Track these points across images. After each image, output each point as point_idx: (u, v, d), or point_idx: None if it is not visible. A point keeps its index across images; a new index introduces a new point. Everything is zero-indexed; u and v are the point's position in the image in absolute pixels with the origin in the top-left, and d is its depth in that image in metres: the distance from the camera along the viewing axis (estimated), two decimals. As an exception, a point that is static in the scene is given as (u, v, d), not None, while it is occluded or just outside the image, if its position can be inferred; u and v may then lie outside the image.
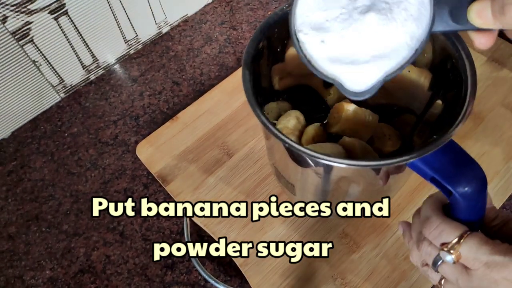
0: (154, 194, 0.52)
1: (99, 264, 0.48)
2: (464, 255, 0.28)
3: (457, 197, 0.28)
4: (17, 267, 0.48)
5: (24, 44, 0.52)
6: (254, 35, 0.35)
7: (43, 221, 0.51)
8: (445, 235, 0.28)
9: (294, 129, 0.43)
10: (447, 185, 0.28)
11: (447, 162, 0.29)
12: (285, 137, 0.31)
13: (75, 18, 0.54)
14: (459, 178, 0.28)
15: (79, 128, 0.58)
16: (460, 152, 0.29)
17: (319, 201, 0.41)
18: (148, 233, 0.50)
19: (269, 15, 0.36)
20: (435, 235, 0.29)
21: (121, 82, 0.62)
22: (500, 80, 0.54)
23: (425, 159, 0.29)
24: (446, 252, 0.28)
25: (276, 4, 0.67)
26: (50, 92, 0.59)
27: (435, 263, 0.30)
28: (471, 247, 0.27)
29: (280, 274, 0.44)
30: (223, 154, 0.52)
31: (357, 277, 0.44)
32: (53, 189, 0.53)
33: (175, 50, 0.64)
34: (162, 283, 0.47)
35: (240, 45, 0.64)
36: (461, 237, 0.28)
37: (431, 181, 0.30)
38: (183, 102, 0.59)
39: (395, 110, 0.45)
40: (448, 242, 0.28)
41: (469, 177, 0.28)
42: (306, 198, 0.42)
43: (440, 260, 0.29)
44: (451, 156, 0.29)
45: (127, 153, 0.55)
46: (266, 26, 0.36)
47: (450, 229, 0.28)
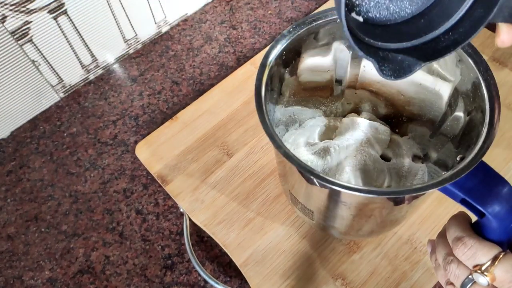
0: (153, 194, 0.52)
1: (98, 264, 0.48)
2: (499, 276, 0.27)
3: (490, 218, 0.28)
4: (16, 267, 0.48)
5: (23, 43, 0.51)
6: (259, 70, 0.35)
7: (42, 222, 0.51)
8: (479, 256, 0.27)
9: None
10: (480, 206, 0.28)
11: (478, 183, 0.28)
12: (313, 171, 0.30)
13: (74, 17, 0.54)
14: (492, 199, 0.28)
15: (78, 128, 0.58)
16: (490, 172, 0.29)
17: (341, 227, 0.41)
18: (148, 234, 0.49)
19: (277, 39, 0.36)
20: (468, 256, 0.28)
21: (120, 81, 0.61)
22: (501, 80, 0.54)
23: (456, 181, 0.29)
24: (480, 274, 0.27)
25: (276, 4, 0.67)
26: (49, 92, 0.58)
27: (465, 285, 0.28)
28: (507, 268, 0.26)
29: (280, 275, 0.44)
30: (223, 154, 0.52)
31: (358, 277, 0.44)
32: (52, 189, 0.53)
33: (175, 50, 0.64)
34: (162, 284, 0.47)
35: (240, 44, 0.64)
36: (496, 258, 0.27)
37: (461, 203, 0.29)
38: (182, 102, 0.59)
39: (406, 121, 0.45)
40: (482, 263, 0.27)
41: (502, 197, 0.28)
42: (327, 224, 0.41)
43: (470, 282, 0.28)
44: (482, 177, 0.29)
45: (126, 153, 0.55)
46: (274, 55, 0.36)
47: (484, 250, 0.27)
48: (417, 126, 0.44)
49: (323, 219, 0.40)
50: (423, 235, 0.45)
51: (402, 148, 0.45)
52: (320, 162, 0.42)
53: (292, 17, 0.66)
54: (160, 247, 0.49)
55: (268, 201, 0.48)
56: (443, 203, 0.47)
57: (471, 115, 0.35)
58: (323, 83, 0.44)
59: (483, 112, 0.32)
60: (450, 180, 0.28)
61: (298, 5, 0.67)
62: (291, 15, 0.66)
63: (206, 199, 0.49)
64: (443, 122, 0.40)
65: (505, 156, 0.49)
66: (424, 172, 0.43)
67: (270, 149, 0.52)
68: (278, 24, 0.65)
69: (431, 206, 0.47)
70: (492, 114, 0.32)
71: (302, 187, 0.37)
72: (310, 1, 0.67)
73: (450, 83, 0.37)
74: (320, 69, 0.42)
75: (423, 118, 0.43)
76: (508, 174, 0.48)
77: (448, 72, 0.37)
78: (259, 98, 0.34)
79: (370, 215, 0.37)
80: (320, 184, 0.33)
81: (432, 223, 0.46)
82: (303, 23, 0.37)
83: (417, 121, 0.44)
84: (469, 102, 0.35)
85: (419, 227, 0.46)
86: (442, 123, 0.40)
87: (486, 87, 0.33)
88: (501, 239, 0.28)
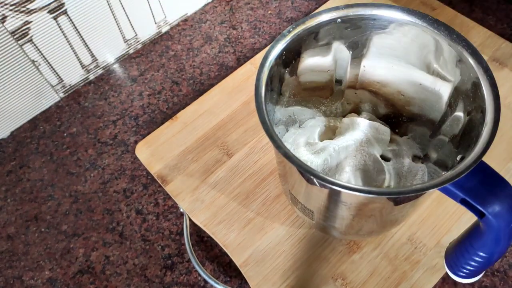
0: (153, 194, 0.52)
1: (98, 264, 0.48)
2: None
3: (490, 218, 0.28)
4: (16, 267, 0.48)
5: (23, 43, 0.51)
6: (259, 71, 0.35)
7: (42, 222, 0.51)
8: None
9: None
10: (480, 206, 0.28)
11: (478, 183, 0.29)
12: (315, 172, 0.30)
13: (74, 17, 0.54)
14: (492, 199, 0.28)
15: (78, 128, 0.58)
16: (490, 172, 0.29)
17: (341, 227, 0.41)
18: (148, 234, 0.49)
19: (277, 38, 0.36)
20: None
21: (120, 81, 0.61)
22: (501, 80, 0.54)
23: (456, 181, 0.29)
24: None
25: (276, 4, 0.67)
26: (49, 92, 0.58)
27: None
28: None
29: (280, 275, 0.44)
30: (223, 154, 0.52)
31: (358, 277, 0.44)
32: (52, 189, 0.53)
33: (175, 50, 0.64)
34: (162, 284, 0.47)
35: (240, 44, 0.64)
36: None
37: (461, 203, 0.29)
38: (182, 102, 0.59)
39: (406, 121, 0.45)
40: None
41: (502, 197, 0.28)
42: (327, 224, 0.41)
43: None
44: (482, 177, 0.29)
45: (126, 153, 0.55)
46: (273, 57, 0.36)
47: None
48: (417, 126, 0.44)
49: (323, 219, 0.40)
50: (423, 235, 0.45)
51: (402, 148, 0.45)
52: (320, 162, 0.42)
53: (292, 17, 0.66)
54: (160, 247, 0.49)
55: (268, 201, 0.48)
56: (443, 203, 0.47)
57: (471, 115, 0.35)
58: (323, 83, 0.44)
59: (483, 112, 0.32)
60: (450, 180, 0.28)
61: (298, 5, 0.67)
62: (291, 15, 0.66)
63: (206, 199, 0.49)
64: (443, 122, 0.40)
65: (505, 156, 0.49)
66: (424, 172, 0.43)
67: (270, 149, 0.52)
68: (278, 24, 0.65)
69: (431, 206, 0.47)
70: (492, 114, 0.32)
71: (302, 187, 0.37)
72: (310, 1, 0.67)
73: (450, 83, 0.37)
74: (320, 69, 0.42)
75: (423, 118, 0.43)
76: (508, 174, 0.48)
77: (448, 72, 0.37)
78: (259, 98, 0.34)
79: (370, 215, 0.37)
80: (320, 184, 0.33)
81: (432, 223, 0.46)
82: (303, 23, 0.37)
83: (417, 121, 0.44)
84: (469, 102, 0.35)
85: (419, 227, 0.46)
86: (442, 123, 0.40)
87: (486, 87, 0.33)
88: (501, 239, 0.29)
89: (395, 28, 0.38)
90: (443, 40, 0.35)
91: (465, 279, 0.36)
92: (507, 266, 0.45)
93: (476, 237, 0.31)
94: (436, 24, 0.36)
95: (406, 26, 0.37)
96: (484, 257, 0.32)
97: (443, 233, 0.45)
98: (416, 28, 0.37)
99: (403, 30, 0.38)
